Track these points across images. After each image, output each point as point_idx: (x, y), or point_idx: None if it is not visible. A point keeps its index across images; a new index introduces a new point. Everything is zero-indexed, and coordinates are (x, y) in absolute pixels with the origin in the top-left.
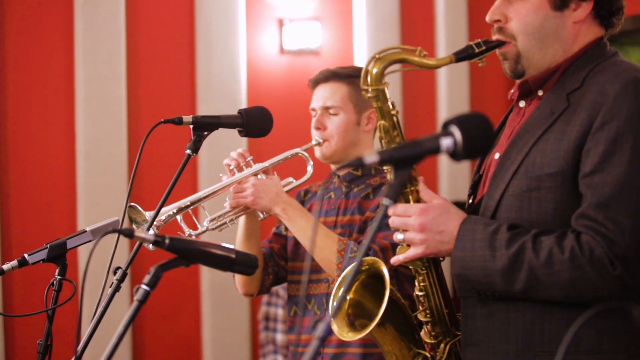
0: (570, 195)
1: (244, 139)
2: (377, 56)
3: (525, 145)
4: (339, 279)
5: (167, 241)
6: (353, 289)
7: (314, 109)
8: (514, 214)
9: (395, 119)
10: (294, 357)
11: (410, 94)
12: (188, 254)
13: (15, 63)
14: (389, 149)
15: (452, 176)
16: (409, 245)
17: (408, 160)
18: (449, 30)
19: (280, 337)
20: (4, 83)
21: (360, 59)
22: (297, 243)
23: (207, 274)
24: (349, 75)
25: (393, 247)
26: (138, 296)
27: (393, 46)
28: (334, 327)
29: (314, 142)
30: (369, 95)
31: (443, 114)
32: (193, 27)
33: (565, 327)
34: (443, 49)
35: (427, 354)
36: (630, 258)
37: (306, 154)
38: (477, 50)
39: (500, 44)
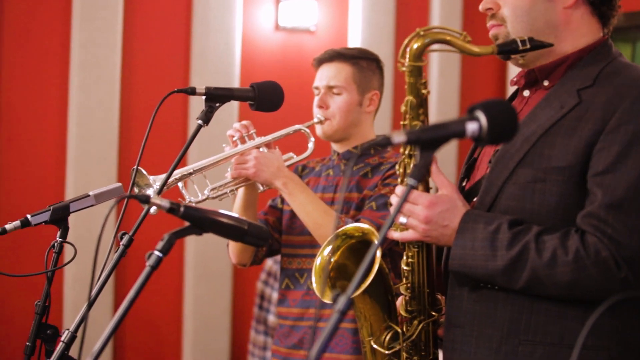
0: (575, 190)
1: (235, 112)
2: (421, 33)
3: (533, 135)
4: (329, 239)
5: (181, 209)
6: (339, 252)
7: (317, 88)
8: (515, 203)
9: (424, 97)
10: (281, 329)
11: (401, 82)
12: (201, 223)
13: (11, 27)
14: (417, 130)
15: (439, 160)
16: None
17: (434, 142)
18: (443, 12)
19: (272, 319)
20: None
21: (354, 39)
22: (292, 217)
23: (191, 245)
24: (353, 57)
25: None
26: (150, 262)
27: (438, 26)
28: (314, 287)
29: (315, 119)
30: (403, 69)
31: (433, 105)
32: (190, 0)
33: (552, 319)
34: None
35: (398, 329)
36: (637, 260)
37: (308, 131)
38: (520, 47)
39: (544, 45)
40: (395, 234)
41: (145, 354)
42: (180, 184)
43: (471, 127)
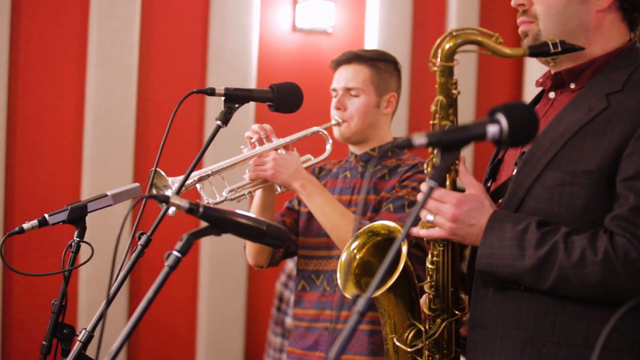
0: (603, 194)
1: (251, 113)
2: (453, 33)
3: (561, 138)
4: (355, 235)
5: (201, 209)
6: (365, 249)
7: (335, 90)
8: (542, 205)
9: (454, 97)
10: (297, 330)
11: (418, 84)
12: (220, 223)
13: (29, 26)
14: (438, 132)
15: None
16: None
17: (455, 144)
18: (460, 13)
19: (289, 321)
20: (17, 45)
21: (371, 41)
22: (309, 218)
23: (206, 246)
24: (371, 58)
25: None
26: (169, 262)
27: (471, 27)
28: (340, 282)
29: (333, 121)
30: (435, 69)
31: None
32: (208, 0)
33: (577, 321)
34: None
35: (421, 327)
36: None
37: (326, 133)
38: (552, 50)
39: (575, 48)
40: (422, 232)
41: (159, 354)
42: (198, 186)
43: (492, 129)
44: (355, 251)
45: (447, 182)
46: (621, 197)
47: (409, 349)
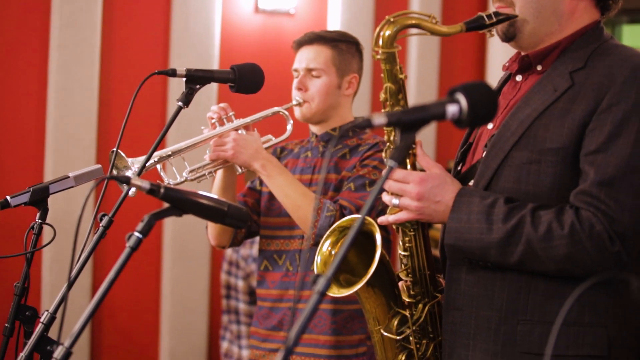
0: (569, 171)
1: (214, 94)
2: (390, 19)
3: (527, 118)
4: (327, 234)
5: (162, 190)
6: (339, 245)
7: (296, 70)
8: (510, 185)
9: (402, 82)
10: (260, 310)
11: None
12: (181, 204)
13: None
14: (397, 112)
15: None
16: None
17: (415, 124)
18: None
19: (242, 307)
20: None
21: (333, 22)
22: (271, 198)
23: (169, 227)
24: (333, 39)
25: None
26: (130, 243)
27: (406, 11)
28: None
29: (294, 102)
30: (379, 57)
31: (412, 87)
32: None
33: (549, 298)
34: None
35: (406, 313)
36: (629, 236)
37: (287, 113)
38: (487, 22)
39: (509, 17)
40: (390, 218)
41: (123, 334)
42: (158, 166)
43: (451, 109)
44: (329, 249)
45: (408, 167)
46: (584, 172)
47: (397, 337)
